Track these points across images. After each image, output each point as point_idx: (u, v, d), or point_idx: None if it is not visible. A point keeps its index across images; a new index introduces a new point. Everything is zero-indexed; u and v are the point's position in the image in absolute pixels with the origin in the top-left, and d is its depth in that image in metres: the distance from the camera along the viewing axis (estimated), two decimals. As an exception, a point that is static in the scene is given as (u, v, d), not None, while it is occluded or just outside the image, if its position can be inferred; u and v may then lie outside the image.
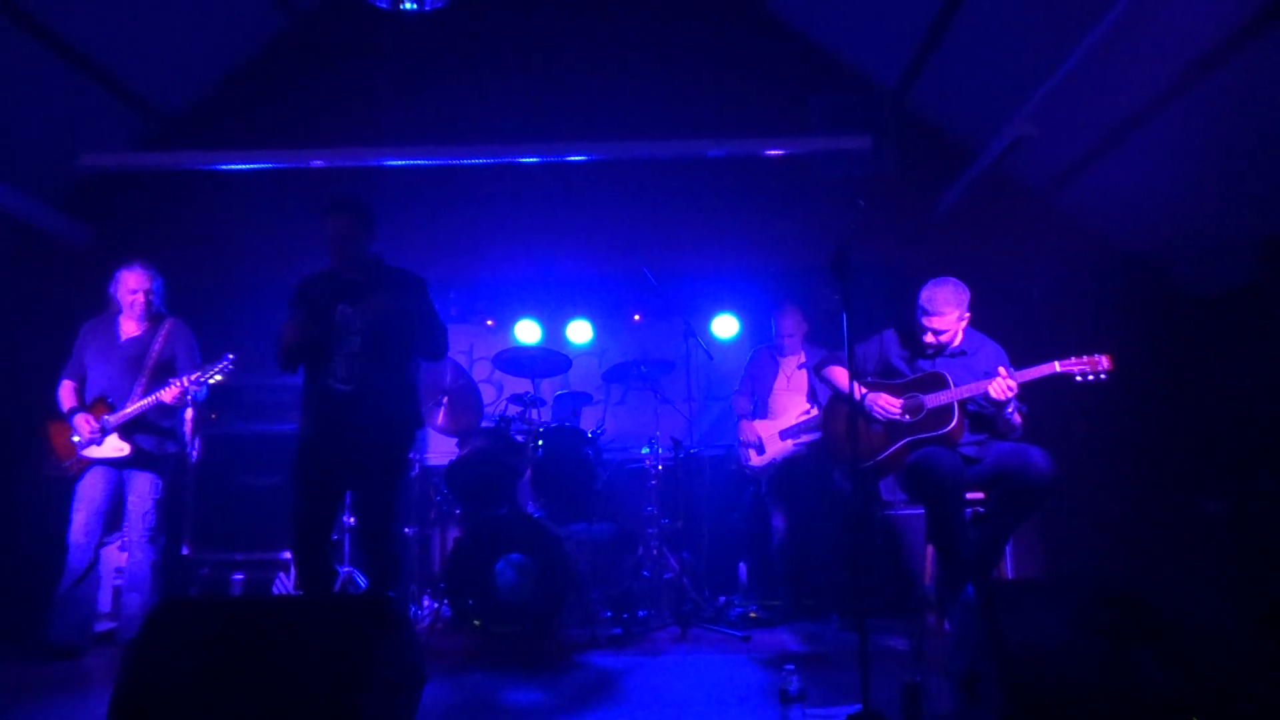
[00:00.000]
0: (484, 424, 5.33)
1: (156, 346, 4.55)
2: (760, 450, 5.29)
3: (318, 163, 5.98)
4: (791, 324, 5.43)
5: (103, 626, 4.84)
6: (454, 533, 5.51)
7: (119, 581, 5.00)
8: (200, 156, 5.90)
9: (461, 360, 5.49)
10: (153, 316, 4.65)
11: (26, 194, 5.67)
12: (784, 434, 5.26)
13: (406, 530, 5.38)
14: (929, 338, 3.94)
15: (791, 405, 5.35)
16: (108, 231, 6.20)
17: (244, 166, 5.88)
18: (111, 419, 4.38)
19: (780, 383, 5.44)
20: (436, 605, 4.89)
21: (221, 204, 6.20)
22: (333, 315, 3.65)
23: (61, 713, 3.43)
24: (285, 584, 4.70)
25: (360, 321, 3.62)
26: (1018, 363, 3.80)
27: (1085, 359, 3.65)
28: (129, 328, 4.64)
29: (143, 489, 4.46)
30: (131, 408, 4.38)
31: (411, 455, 5.47)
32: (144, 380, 4.46)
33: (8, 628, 4.76)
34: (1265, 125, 4.61)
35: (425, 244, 6.29)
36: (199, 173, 6.02)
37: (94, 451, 4.39)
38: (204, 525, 5.45)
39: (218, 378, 4.31)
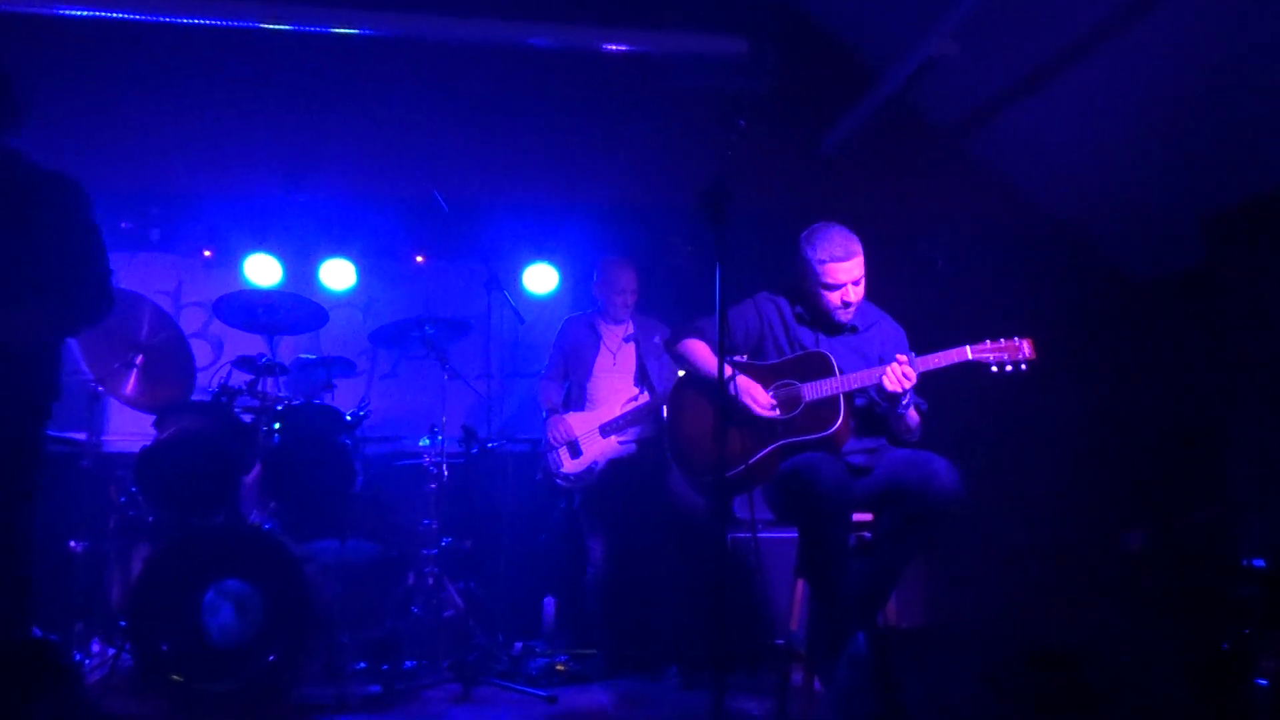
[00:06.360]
0: (195, 396, 5.19)
1: None
2: (575, 452, 5.26)
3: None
4: (628, 281, 5.42)
5: None
6: (144, 550, 5.27)
7: None
8: None
9: (164, 304, 5.19)
10: None
11: None
12: (605, 429, 5.26)
13: (72, 544, 5.11)
14: (841, 296, 3.90)
15: (617, 390, 5.36)
16: None
17: None
18: None
19: (603, 361, 5.42)
20: (114, 651, 4.66)
21: None
22: None
23: None
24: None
25: None
26: (918, 346, 3.90)
27: (1003, 344, 3.78)
28: None
29: None
30: None
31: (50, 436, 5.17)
32: None
33: None
34: (1216, 79, 4.99)
35: (111, 134, 6.01)
36: None
37: None
38: None
39: None
